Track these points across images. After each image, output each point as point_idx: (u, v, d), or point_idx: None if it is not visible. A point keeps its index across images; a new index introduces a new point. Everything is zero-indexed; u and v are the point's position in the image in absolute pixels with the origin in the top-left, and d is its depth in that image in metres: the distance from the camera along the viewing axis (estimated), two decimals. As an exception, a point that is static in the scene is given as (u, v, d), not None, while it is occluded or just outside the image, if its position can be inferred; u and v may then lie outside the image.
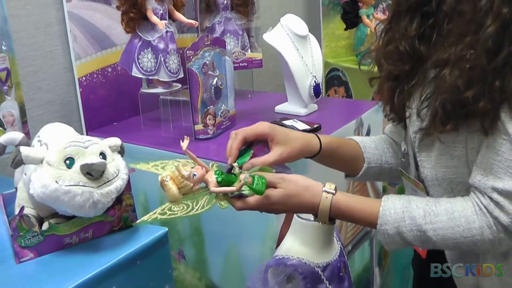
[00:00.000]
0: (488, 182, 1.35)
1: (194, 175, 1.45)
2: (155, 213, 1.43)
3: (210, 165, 1.54)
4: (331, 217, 1.46)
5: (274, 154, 1.55)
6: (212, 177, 1.47)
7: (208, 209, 1.48)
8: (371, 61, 1.72)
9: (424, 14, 1.47)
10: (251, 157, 1.53)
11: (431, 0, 1.44)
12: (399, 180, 1.82)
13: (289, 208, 1.46)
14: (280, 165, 1.60)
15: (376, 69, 1.66)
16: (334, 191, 1.45)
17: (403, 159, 1.69)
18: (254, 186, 1.41)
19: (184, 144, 1.47)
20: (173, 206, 1.46)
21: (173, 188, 1.45)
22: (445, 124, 1.38)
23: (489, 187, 1.35)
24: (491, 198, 1.35)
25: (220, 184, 1.46)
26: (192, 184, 1.46)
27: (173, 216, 1.45)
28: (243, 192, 1.45)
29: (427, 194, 1.56)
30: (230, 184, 1.47)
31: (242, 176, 1.45)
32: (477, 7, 1.32)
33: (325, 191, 1.45)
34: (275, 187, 1.45)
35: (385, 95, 1.62)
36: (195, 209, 1.47)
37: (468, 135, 1.39)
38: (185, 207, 1.47)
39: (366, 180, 1.84)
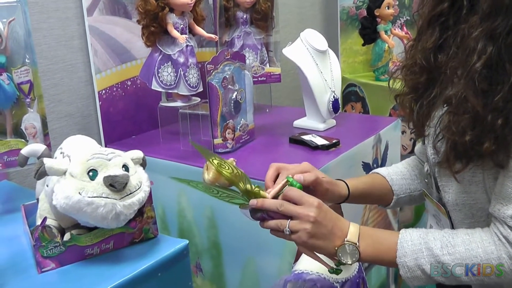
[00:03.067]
0: (508, 211, 1.34)
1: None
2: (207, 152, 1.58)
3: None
4: (359, 238, 1.45)
5: (309, 173, 1.58)
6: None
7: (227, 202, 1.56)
8: (388, 77, 1.73)
9: (443, 26, 1.48)
10: None
11: (450, 13, 1.46)
12: None
13: (319, 230, 1.44)
14: None
15: (395, 85, 1.67)
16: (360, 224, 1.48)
17: (426, 180, 1.69)
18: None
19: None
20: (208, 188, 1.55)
21: (210, 173, 1.53)
22: (459, 163, 1.38)
23: (508, 216, 1.34)
24: (511, 228, 1.34)
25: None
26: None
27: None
28: None
29: (449, 218, 1.56)
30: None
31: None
32: (464, 48, 1.33)
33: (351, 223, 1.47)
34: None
35: (406, 109, 1.62)
36: (219, 196, 1.55)
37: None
38: (215, 192, 1.55)
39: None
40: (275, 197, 1.49)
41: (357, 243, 1.43)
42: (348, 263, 1.43)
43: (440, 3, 1.48)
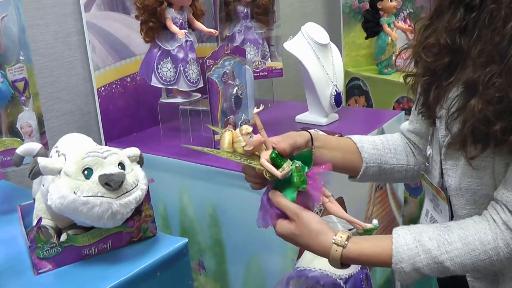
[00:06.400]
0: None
1: (251, 137, 1.42)
2: (204, 148, 1.47)
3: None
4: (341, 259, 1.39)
5: (284, 139, 1.50)
6: (266, 152, 1.44)
7: (248, 164, 1.44)
8: (393, 70, 1.69)
9: (467, 7, 1.43)
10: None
11: None
12: (404, 181, 1.83)
13: (299, 244, 1.44)
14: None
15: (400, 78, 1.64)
16: (344, 243, 1.37)
17: (427, 164, 1.66)
18: (295, 174, 1.40)
19: (257, 110, 1.45)
20: (221, 153, 1.44)
21: (227, 138, 1.43)
22: (474, 149, 1.35)
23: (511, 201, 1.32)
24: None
25: (271, 159, 1.42)
26: (244, 144, 1.42)
27: (218, 155, 1.45)
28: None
29: (449, 204, 1.53)
30: (278, 166, 1.43)
31: (287, 165, 1.42)
32: (503, 33, 1.29)
33: (335, 243, 1.38)
34: (290, 221, 1.42)
35: (420, 89, 1.58)
36: (238, 159, 1.44)
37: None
38: (230, 156, 1.44)
39: (368, 181, 1.78)
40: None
41: (339, 264, 1.40)
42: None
43: None
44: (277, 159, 1.43)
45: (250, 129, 1.43)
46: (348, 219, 1.44)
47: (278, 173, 1.40)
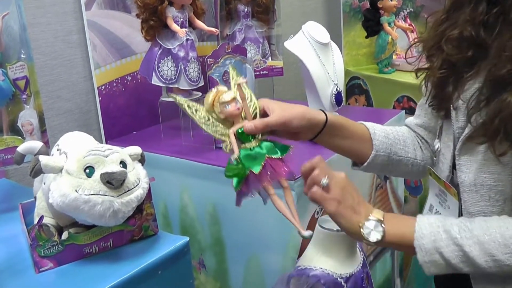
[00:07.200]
0: None
1: (227, 106, 1.44)
2: (186, 101, 1.48)
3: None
4: (384, 218, 1.39)
5: (275, 115, 1.48)
6: (239, 125, 1.46)
7: (212, 133, 1.48)
8: (393, 69, 1.69)
9: (490, 1, 1.42)
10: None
11: None
12: (408, 175, 1.83)
13: (352, 189, 1.41)
14: None
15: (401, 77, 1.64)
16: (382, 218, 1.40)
17: (434, 158, 1.64)
18: (228, 168, 1.44)
19: (241, 80, 1.46)
20: (200, 110, 1.47)
21: (209, 98, 1.45)
22: (502, 146, 1.33)
23: None
24: None
25: (238, 134, 1.45)
26: (219, 110, 1.45)
27: (192, 116, 1.47)
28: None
29: (459, 200, 1.51)
30: (242, 142, 1.46)
31: (234, 156, 1.45)
32: None
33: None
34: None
35: (435, 82, 1.56)
36: (208, 128, 1.48)
37: None
38: (205, 119, 1.47)
39: (372, 171, 1.75)
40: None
41: (382, 219, 1.38)
42: (372, 241, 1.38)
43: None
44: (242, 136, 1.45)
45: (227, 98, 1.43)
46: (288, 218, 1.45)
47: (236, 151, 1.44)
